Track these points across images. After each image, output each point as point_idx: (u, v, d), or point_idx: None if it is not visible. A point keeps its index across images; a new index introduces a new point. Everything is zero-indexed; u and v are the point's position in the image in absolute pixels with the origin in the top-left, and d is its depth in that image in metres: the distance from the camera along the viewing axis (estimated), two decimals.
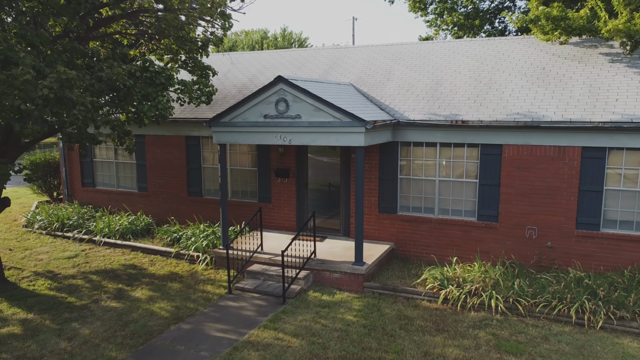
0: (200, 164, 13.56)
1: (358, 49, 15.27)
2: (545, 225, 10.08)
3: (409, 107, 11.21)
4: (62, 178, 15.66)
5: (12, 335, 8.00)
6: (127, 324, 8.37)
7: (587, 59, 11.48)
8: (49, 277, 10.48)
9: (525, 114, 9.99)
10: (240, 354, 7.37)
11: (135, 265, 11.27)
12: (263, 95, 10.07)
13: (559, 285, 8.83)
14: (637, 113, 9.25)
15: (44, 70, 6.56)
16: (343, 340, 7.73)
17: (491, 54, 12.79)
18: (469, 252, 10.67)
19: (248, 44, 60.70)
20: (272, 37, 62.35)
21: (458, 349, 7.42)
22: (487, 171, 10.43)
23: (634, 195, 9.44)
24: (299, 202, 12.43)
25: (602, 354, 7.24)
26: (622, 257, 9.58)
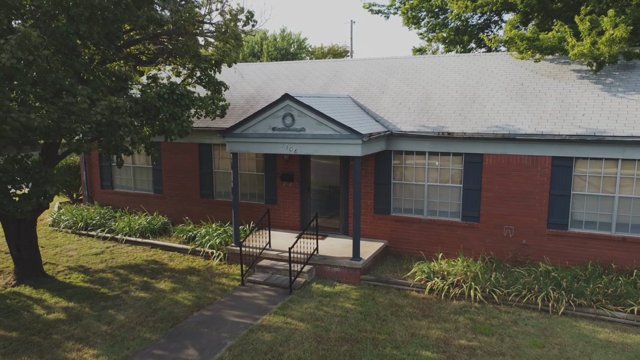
0: (211, 168, 14.86)
1: (356, 62, 16.57)
2: (521, 225, 11.42)
3: (402, 119, 12.53)
4: (82, 180, 16.95)
5: (58, 320, 9.32)
6: (155, 311, 9.70)
7: (561, 75, 12.80)
8: (81, 271, 11.80)
9: (503, 127, 11.32)
10: (255, 335, 8.70)
11: (156, 261, 12.59)
12: (272, 110, 11.37)
13: (530, 277, 10.19)
14: (599, 127, 10.58)
15: (92, 96, 7.82)
16: (342, 324, 9.07)
17: (476, 69, 14.10)
18: (454, 249, 12.02)
19: (248, 45, 61.75)
20: (272, 37, 63.41)
21: (440, 331, 8.77)
22: (470, 177, 11.77)
23: (597, 199, 10.79)
24: (302, 203, 13.76)
25: (561, 335, 8.59)
26: (587, 253, 10.93)
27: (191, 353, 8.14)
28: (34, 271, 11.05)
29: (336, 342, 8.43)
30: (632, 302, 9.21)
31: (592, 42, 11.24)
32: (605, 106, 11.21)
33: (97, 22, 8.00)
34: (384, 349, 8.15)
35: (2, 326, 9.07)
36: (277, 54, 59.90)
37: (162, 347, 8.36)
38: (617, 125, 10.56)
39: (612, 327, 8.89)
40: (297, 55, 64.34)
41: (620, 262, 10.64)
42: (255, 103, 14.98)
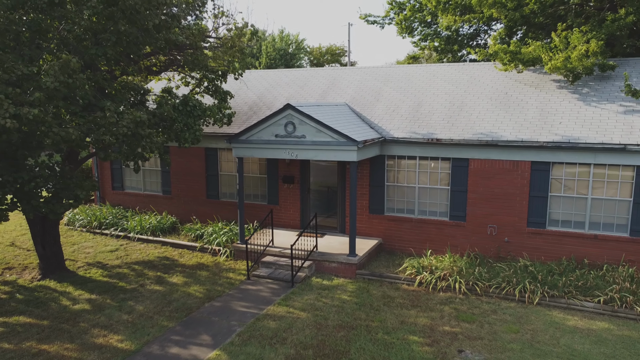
0: (217, 171, 15.86)
1: (352, 70, 17.57)
2: (503, 224, 12.46)
3: (395, 126, 13.55)
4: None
5: (83, 310, 10.33)
6: (170, 302, 10.72)
7: (542, 85, 13.83)
8: (99, 267, 12.80)
9: (487, 134, 12.35)
10: (261, 323, 9.72)
11: (167, 257, 13.61)
12: (275, 118, 12.37)
13: (509, 271, 11.23)
14: (574, 135, 11.62)
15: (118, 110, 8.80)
16: (339, 313, 10.10)
17: (465, 78, 15.12)
18: (442, 246, 13.05)
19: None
20: (270, 37, 64.25)
21: (426, 319, 9.80)
22: (457, 180, 12.80)
23: (571, 200, 11.83)
24: (303, 204, 14.78)
25: (534, 322, 9.64)
26: (563, 249, 11.98)
27: (205, 338, 9.15)
28: (57, 267, 12.05)
29: (334, 328, 9.45)
30: (599, 293, 10.25)
31: (566, 57, 12.25)
32: (580, 115, 12.25)
33: (121, 45, 8.98)
34: (376, 334, 9.18)
35: (34, 315, 10.08)
36: (276, 54, 60.74)
37: (179, 334, 9.37)
38: (590, 133, 11.59)
39: (580, 315, 9.94)
40: (296, 56, 65.19)
41: (593, 258, 11.69)
42: (258, 109, 15.98)
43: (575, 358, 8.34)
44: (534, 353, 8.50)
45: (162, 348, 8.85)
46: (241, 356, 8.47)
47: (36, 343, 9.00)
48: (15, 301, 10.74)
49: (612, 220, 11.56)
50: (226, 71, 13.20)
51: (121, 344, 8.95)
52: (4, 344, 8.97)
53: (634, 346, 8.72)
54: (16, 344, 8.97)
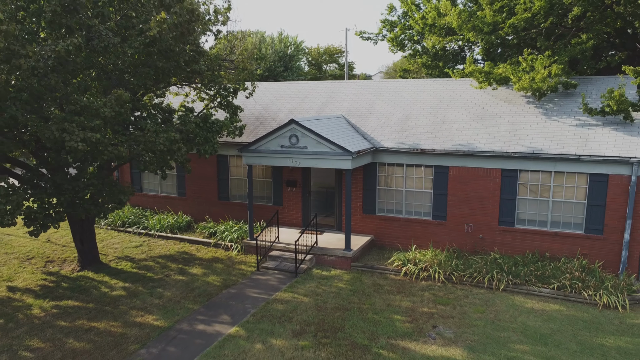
0: (227, 175, 17.77)
1: (349, 84, 19.47)
2: (478, 222, 14.40)
3: (385, 137, 15.46)
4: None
5: (121, 295, 12.25)
6: (193, 289, 12.64)
7: (515, 101, 15.75)
8: (128, 260, 14.72)
9: (465, 145, 14.27)
10: (271, 305, 11.65)
11: (186, 252, 15.52)
12: (280, 132, 14.27)
13: (481, 263, 13.18)
14: (538, 146, 13.54)
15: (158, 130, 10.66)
16: (336, 298, 12.03)
17: (447, 93, 17.04)
18: (425, 242, 15.00)
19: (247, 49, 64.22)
20: (270, 39, 65.96)
21: (409, 302, 11.74)
22: (439, 184, 14.73)
23: (536, 202, 13.77)
24: (304, 205, 16.70)
25: (499, 304, 11.59)
26: (528, 244, 13.92)
27: (225, 318, 11.09)
28: (93, 260, 13.96)
29: (332, 310, 11.39)
30: (554, 281, 12.21)
31: (531, 78, 14.18)
32: (545, 128, 14.18)
33: (157, 77, 10.81)
34: (367, 314, 11.12)
35: (80, 300, 11.99)
36: (275, 56, 62.54)
37: (203, 314, 11.30)
38: (551, 145, 13.53)
39: (537, 299, 11.90)
40: (294, 57, 66.93)
41: (553, 252, 13.65)
42: (264, 120, 17.89)
43: (527, 331, 10.30)
44: (494, 328, 10.45)
45: (190, 325, 10.78)
46: (256, 331, 10.40)
47: (86, 321, 10.92)
48: (62, 288, 12.66)
49: (570, 220, 13.52)
50: (237, 88, 15.07)
51: (156, 322, 10.88)
52: (60, 322, 10.89)
53: (577, 323, 10.69)
54: (70, 322, 10.89)
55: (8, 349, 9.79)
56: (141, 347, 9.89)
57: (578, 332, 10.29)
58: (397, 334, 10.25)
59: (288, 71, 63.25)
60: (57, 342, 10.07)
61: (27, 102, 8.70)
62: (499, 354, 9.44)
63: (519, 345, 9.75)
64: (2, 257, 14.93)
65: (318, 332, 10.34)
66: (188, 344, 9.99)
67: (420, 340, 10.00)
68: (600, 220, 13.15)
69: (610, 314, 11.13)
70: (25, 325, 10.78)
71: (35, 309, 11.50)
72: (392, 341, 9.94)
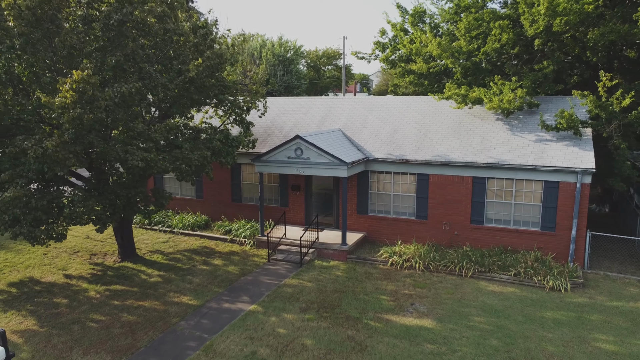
0: (240, 180, 20.47)
1: (345, 100, 22.16)
2: (454, 221, 17.12)
3: (376, 149, 18.17)
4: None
5: (158, 282, 14.95)
6: (216, 277, 15.34)
7: (487, 117, 18.47)
8: (158, 253, 17.42)
9: (442, 156, 16.98)
10: (281, 289, 14.36)
11: (207, 247, 18.23)
12: (287, 145, 16.96)
13: (454, 255, 15.91)
14: (503, 157, 16.26)
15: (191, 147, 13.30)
16: (334, 283, 14.75)
17: (430, 110, 19.75)
18: (409, 238, 17.72)
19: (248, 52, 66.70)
20: (270, 44, 68.43)
21: (393, 286, 14.47)
22: (421, 189, 17.45)
23: (501, 205, 16.50)
24: (307, 206, 19.41)
25: (466, 288, 14.32)
26: (495, 240, 16.65)
27: (245, 298, 13.80)
28: (131, 253, 16.65)
29: (330, 292, 14.11)
30: (512, 269, 14.94)
31: (500, 100, 16.90)
32: (509, 142, 16.90)
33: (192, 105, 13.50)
34: (359, 295, 13.85)
35: (125, 285, 14.70)
36: (275, 60, 65.08)
37: (227, 296, 14.01)
38: (514, 156, 16.24)
39: (498, 284, 14.64)
40: (294, 61, 69.41)
41: (515, 246, 16.38)
42: (271, 132, 20.58)
43: (485, 307, 13.04)
44: (460, 305, 13.19)
45: (218, 304, 13.50)
46: (270, 308, 13.12)
47: (134, 301, 13.63)
48: (109, 276, 15.36)
49: (529, 219, 16.25)
50: (250, 107, 17.74)
51: (190, 302, 13.59)
52: (113, 301, 13.60)
53: (526, 301, 13.43)
54: (121, 301, 13.60)
55: (77, 321, 12.50)
56: (181, 319, 12.60)
57: (525, 308, 13.04)
58: (382, 309, 12.98)
59: (288, 75, 65.83)
60: (114, 316, 12.79)
61: (99, 130, 11.29)
62: (460, 323, 12.18)
63: (477, 318, 12.49)
64: (53, 252, 17.62)
65: (320, 308, 13.06)
66: (217, 317, 12.70)
67: (401, 314, 12.73)
68: (553, 220, 15.89)
69: (554, 295, 13.88)
70: (86, 303, 13.49)
71: (91, 292, 14.22)
72: (378, 315, 12.68)
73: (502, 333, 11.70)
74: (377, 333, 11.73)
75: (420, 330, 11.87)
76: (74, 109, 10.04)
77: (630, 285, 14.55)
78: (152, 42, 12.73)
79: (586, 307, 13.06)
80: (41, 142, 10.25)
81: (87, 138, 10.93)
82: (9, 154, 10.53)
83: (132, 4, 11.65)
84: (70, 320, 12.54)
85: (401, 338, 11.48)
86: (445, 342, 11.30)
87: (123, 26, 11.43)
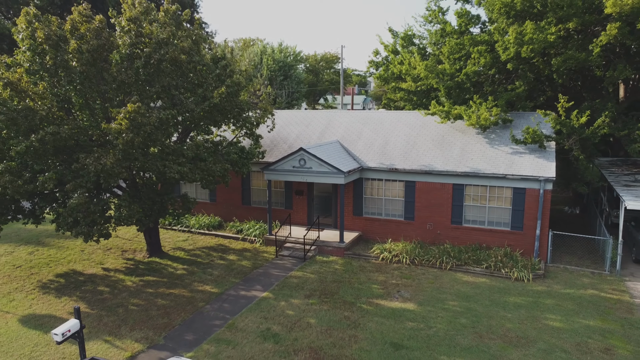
0: (249, 186, 23.08)
1: (343, 114, 24.78)
2: (437, 222, 19.75)
3: (369, 159, 20.79)
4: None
5: (183, 274, 17.54)
6: (232, 270, 17.94)
7: (467, 131, 21.10)
8: (180, 250, 20.02)
9: (427, 165, 19.61)
10: (288, 280, 16.97)
11: (222, 244, 20.84)
12: (292, 156, 19.57)
13: (436, 251, 18.54)
14: (479, 167, 18.88)
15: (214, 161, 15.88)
16: (333, 275, 17.36)
17: (418, 124, 22.38)
18: (398, 236, 20.34)
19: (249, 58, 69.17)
20: (270, 50, 70.90)
21: (383, 277, 17.09)
22: (409, 194, 20.07)
23: (477, 208, 19.13)
24: (309, 208, 22.02)
25: (444, 278, 16.95)
26: (471, 238, 19.28)
27: (258, 287, 16.41)
28: (157, 250, 19.25)
29: (330, 282, 16.73)
30: (485, 263, 17.57)
31: (477, 117, 19.53)
32: (485, 154, 19.54)
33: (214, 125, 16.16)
34: (354, 284, 16.47)
35: (156, 276, 17.29)
36: (275, 66, 67.63)
37: (242, 285, 16.62)
38: (488, 166, 18.88)
39: (472, 275, 17.28)
40: (293, 67, 71.88)
41: (488, 243, 19.02)
42: (277, 143, 23.19)
43: (459, 294, 15.67)
44: (438, 292, 15.82)
45: (235, 291, 16.11)
46: (280, 295, 15.74)
47: (165, 289, 16.24)
48: (140, 269, 17.97)
49: (501, 220, 18.89)
50: (260, 122, 20.33)
51: (212, 290, 16.20)
52: (148, 289, 16.21)
53: (493, 289, 16.06)
54: (154, 289, 16.21)
55: (121, 305, 15.10)
56: (206, 304, 15.21)
57: (492, 295, 15.67)
58: (373, 295, 15.61)
59: (287, 80, 68.39)
60: (150, 300, 15.39)
61: (142, 149, 13.85)
62: (437, 306, 14.81)
63: (451, 302, 15.13)
64: (90, 249, 20.22)
65: (321, 295, 15.68)
66: (236, 302, 15.31)
67: (388, 299, 15.35)
68: (520, 221, 18.53)
69: (518, 284, 16.52)
70: (125, 291, 16.10)
71: (127, 282, 16.82)
72: (370, 300, 15.30)
73: (470, 314, 14.34)
74: (368, 314, 14.35)
75: (403, 311, 14.50)
76: (126, 133, 12.62)
77: (583, 276, 17.21)
78: (180, 72, 15.32)
79: (543, 294, 15.70)
80: (99, 159, 12.82)
81: (134, 155, 13.49)
82: (73, 169, 13.09)
83: (167, 45, 14.24)
84: (114, 304, 15.14)
85: (388, 317, 14.11)
86: (423, 320, 13.94)
87: (161, 64, 14.02)
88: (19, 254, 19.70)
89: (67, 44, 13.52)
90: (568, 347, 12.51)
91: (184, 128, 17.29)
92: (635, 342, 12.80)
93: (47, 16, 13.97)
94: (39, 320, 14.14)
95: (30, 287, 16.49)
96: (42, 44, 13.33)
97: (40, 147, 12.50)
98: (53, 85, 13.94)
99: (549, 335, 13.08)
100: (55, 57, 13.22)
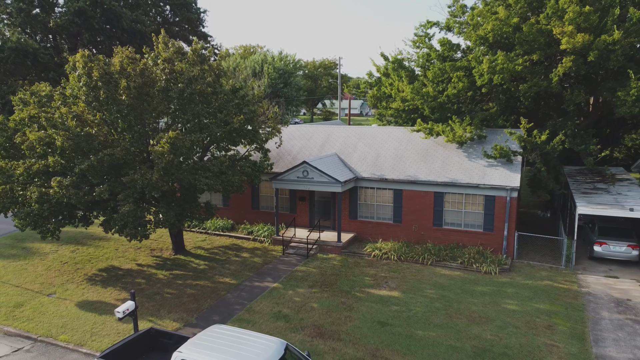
0: (258, 193, 26.31)
1: (340, 129, 28.03)
2: (421, 224, 23.00)
3: (363, 170, 24.03)
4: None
5: (205, 269, 20.74)
6: (246, 265, 21.16)
7: (448, 146, 24.35)
8: (200, 249, 23.24)
9: (412, 176, 22.87)
10: (294, 273, 20.19)
11: (235, 244, 24.07)
12: (297, 168, 22.80)
13: (420, 249, 21.78)
14: (456, 177, 22.13)
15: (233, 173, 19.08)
16: (332, 269, 20.59)
17: (405, 139, 25.64)
18: (388, 237, 23.58)
19: (250, 66, 72.27)
20: (270, 58, 73.98)
21: (374, 271, 20.32)
22: (397, 200, 23.32)
23: (455, 212, 22.37)
24: (311, 213, 25.26)
25: (425, 272, 20.19)
26: (450, 238, 22.53)
27: (269, 279, 19.63)
28: (181, 248, 22.46)
29: (329, 275, 19.96)
30: (460, 259, 20.82)
31: (454, 134, 22.80)
32: (462, 166, 22.80)
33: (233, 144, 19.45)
34: (349, 277, 19.71)
35: (182, 270, 20.49)
36: (276, 74, 70.79)
37: (256, 278, 19.84)
38: (464, 176, 22.14)
39: (449, 270, 20.53)
40: (293, 75, 74.96)
41: (464, 242, 22.27)
42: (282, 155, 26.43)
43: (436, 284, 18.92)
44: (419, 283, 19.06)
45: (250, 282, 19.33)
46: (288, 285, 18.96)
47: (192, 281, 19.45)
48: (169, 265, 21.17)
49: (475, 223, 22.15)
50: (269, 138, 23.53)
51: (231, 281, 19.42)
52: (177, 281, 19.42)
53: (465, 280, 19.32)
54: (182, 281, 19.42)
55: (157, 293, 18.31)
56: (227, 293, 18.43)
57: (464, 285, 18.93)
58: (365, 285, 18.85)
59: (287, 87, 71.55)
60: (181, 290, 18.60)
61: (178, 166, 17.06)
62: (417, 293, 18.06)
63: (429, 290, 18.37)
64: (122, 247, 23.43)
65: (322, 285, 18.91)
66: (251, 291, 18.53)
67: (377, 288, 18.60)
68: (491, 223, 21.79)
69: (486, 276, 19.78)
70: (159, 283, 19.31)
71: (159, 275, 20.04)
72: (362, 289, 18.54)
73: (444, 300, 17.59)
74: (361, 300, 17.59)
75: (390, 298, 17.74)
76: (167, 154, 15.85)
77: (542, 270, 20.48)
78: (206, 101, 18.55)
79: (505, 284, 18.98)
80: (145, 175, 16.04)
81: (171, 171, 16.71)
82: (125, 182, 16.28)
83: (197, 80, 17.50)
84: (151, 293, 18.35)
85: (376, 302, 17.35)
86: (405, 305, 17.18)
87: (192, 97, 17.26)
88: (63, 252, 22.90)
89: (116, 81, 16.75)
90: (519, 324, 15.76)
91: (204, 146, 20.52)
92: (573, 320, 16.07)
93: (98, 57, 17.18)
94: (93, 305, 17.35)
95: (79, 279, 19.69)
96: (97, 81, 16.54)
97: (98, 165, 15.71)
98: (103, 114, 17.16)
99: (505, 316, 16.33)
100: (107, 92, 16.45)
